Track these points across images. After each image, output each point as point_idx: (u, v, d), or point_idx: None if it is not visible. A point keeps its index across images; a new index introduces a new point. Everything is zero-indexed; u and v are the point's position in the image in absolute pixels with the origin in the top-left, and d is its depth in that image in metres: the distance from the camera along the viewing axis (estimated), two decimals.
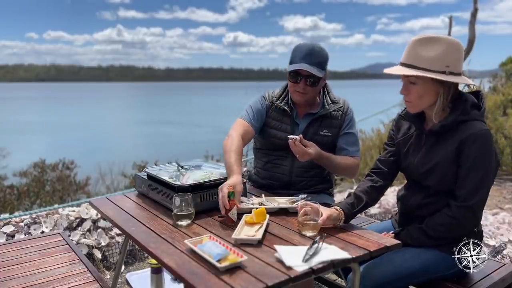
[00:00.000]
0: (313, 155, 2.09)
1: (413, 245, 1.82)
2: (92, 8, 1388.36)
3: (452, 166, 1.73)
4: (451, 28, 11.16)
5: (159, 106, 65.52)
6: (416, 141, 1.88)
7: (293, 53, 2.24)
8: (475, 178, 1.69)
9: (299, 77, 2.20)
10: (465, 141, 1.69)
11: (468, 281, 1.86)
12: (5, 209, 6.84)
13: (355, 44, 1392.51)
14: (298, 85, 2.21)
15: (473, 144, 1.68)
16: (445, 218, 1.75)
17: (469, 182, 1.70)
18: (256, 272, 1.37)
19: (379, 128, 7.93)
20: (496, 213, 3.86)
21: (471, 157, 1.69)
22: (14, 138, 21.94)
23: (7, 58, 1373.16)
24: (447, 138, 1.74)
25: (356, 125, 2.41)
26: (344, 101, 2.38)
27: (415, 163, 1.85)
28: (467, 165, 1.70)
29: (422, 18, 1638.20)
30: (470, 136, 1.68)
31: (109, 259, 3.24)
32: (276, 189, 2.35)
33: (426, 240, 1.80)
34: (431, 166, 1.77)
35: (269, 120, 2.36)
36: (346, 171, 2.30)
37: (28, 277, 1.99)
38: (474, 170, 1.69)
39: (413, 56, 1.71)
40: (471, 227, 1.79)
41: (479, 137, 1.68)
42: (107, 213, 2.02)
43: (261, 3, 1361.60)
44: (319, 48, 2.21)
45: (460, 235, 1.79)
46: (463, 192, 1.71)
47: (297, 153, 2.07)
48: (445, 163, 1.74)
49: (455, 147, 1.71)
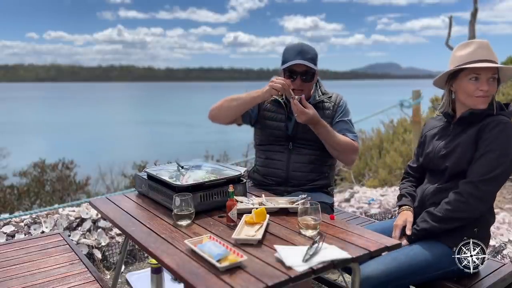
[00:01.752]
0: (310, 115, 2.15)
1: (424, 235, 1.87)
2: (92, 8, 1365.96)
3: (470, 148, 1.85)
4: (451, 28, 11.16)
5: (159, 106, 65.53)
6: (442, 131, 2.03)
7: (285, 53, 2.32)
8: (487, 159, 1.80)
9: (294, 75, 2.27)
10: (485, 126, 1.84)
11: (468, 281, 1.86)
12: (5, 209, 6.84)
13: (355, 44, 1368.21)
14: (295, 83, 2.28)
15: (493, 129, 1.82)
16: (451, 195, 1.85)
17: (480, 162, 1.81)
18: (256, 272, 1.37)
19: (379, 128, 7.94)
20: (496, 213, 3.86)
21: (488, 140, 1.81)
22: (14, 138, 21.93)
23: (8, 58, 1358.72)
24: (472, 127, 1.88)
25: (351, 116, 2.42)
26: (337, 94, 2.43)
27: (436, 148, 1.98)
28: (483, 147, 1.82)
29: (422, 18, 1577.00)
30: (491, 122, 1.83)
31: (109, 259, 3.24)
32: (275, 185, 2.37)
33: (435, 224, 1.85)
34: (451, 149, 1.90)
35: (265, 113, 2.44)
36: (345, 149, 2.26)
37: (28, 277, 1.99)
38: (488, 152, 1.80)
39: (492, 55, 1.89)
40: (476, 209, 1.82)
41: (500, 124, 1.82)
42: (107, 213, 2.02)
43: (261, 3, 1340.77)
44: (308, 45, 2.33)
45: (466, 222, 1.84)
46: (473, 170, 1.83)
47: (296, 112, 2.17)
48: (464, 145, 1.87)
49: (476, 130, 1.86)
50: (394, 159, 6.38)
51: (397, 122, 7.61)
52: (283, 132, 2.37)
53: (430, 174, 2.06)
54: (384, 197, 4.40)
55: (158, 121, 39.31)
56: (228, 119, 2.42)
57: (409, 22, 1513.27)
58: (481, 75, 1.86)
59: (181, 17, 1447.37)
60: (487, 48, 1.90)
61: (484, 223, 1.91)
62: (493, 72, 1.86)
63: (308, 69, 2.26)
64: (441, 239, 1.86)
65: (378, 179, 6.35)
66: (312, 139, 2.30)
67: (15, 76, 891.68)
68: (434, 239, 1.87)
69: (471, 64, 1.86)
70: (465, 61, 1.89)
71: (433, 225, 1.85)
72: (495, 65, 1.86)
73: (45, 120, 39.69)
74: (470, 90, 1.88)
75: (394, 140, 7.02)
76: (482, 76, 1.86)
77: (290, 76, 2.28)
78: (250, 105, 2.33)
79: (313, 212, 1.68)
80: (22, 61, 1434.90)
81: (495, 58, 1.90)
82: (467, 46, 1.92)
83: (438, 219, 1.84)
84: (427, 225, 1.87)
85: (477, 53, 1.88)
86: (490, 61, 1.87)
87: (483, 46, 1.90)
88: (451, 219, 1.83)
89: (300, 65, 2.25)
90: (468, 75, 1.88)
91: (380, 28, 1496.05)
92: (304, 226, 1.67)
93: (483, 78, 1.86)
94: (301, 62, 2.23)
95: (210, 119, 2.46)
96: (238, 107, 2.34)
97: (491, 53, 1.89)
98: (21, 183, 8.47)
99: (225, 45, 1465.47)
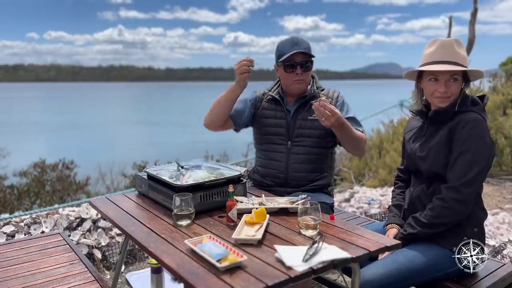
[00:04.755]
0: (339, 115, 2.01)
1: (411, 239, 1.87)
2: (93, 9, 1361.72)
3: (443, 150, 1.84)
4: (451, 28, 11.16)
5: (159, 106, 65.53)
6: (418, 132, 2.02)
7: (280, 48, 2.36)
8: (463, 161, 1.79)
9: (294, 65, 2.30)
10: (456, 126, 1.81)
11: (468, 281, 1.86)
12: (5, 209, 6.84)
13: (356, 44, 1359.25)
14: (295, 73, 2.30)
15: (463, 128, 1.79)
16: (435, 201, 1.84)
17: (458, 165, 1.80)
18: (256, 272, 1.37)
19: (379, 128, 7.93)
20: (496, 213, 3.86)
21: (460, 140, 1.79)
22: (14, 138, 21.93)
23: (8, 58, 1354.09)
24: (444, 127, 1.86)
25: (350, 108, 2.39)
26: (334, 90, 2.44)
27: (413, 149, 1.98)
28: (457, 149, 1.80)
29: (422, 18, 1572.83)
30: (461, 121, 1.80)
31: (109, 259, 3.24)
32: (274, 186, 2.37)
33: (421, 229, 1.85)
34: (426, 151, 1.89)
35: (263, 112, 2.46)
36: (360, 142, 2.24)
37: (28, 277, 1.99)
38: (463, 152, 1.79)
39: (453, 55, 1.83)
40: (460, 212, 1.82)
41: (470, 122, 1.79)
42: (107, 213, 2.02)
43: (262, 4, 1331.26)
44: (301, 37, 2.38)
45: (453, 225, 1.83)
46: (452, 174, 1.81)
47: (323, 114, 1.99)
48: (437, 147, 1.85)
49: (447, 131, 1.83)
50: (394, 159, 6.38)
51: (397, 122, 7.60)
52: (283, 130, 2.37)
53: (414, 175, 2.06)
54: (384, 197, 4.39)
55: (158, 121, 39.31)
56: (219, 121, 2.41)
57: (409, 22, 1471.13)
58: (439, 76, 1.84)
59: (182, 17, 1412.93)
60: (450, 47, 1.84)
61: (480, 221, 1.91)
62: (451, 74, 1.83)
63: (307, 58, 2.31)
64: (441, 241, 1.86)
65: (378, 179, 6.34)
66: (309, 134, 2.32)
67: (15, 76, 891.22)
68: (433, 241, 1.87)
69: (426, 66, 1.86)
70: (426, 61, 1.88)
71: (419, 230, 1.86)
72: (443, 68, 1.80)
73: (45, 120, 39.67)
74: (430, 91, 1.88)
75: (394, 140, 7.01)
76: (440, 77, 1.84)
77: (290, 68, 2.30)
78: (232, 100, 2.33)
79: (313, 212, 1.68)
80: (22, 61, 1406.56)
81: (459, 58, 1.83)
82: (432, 45, 1.89)
83: (423, 225, 1.85)
84: (413, 230, 1.87)
85: (437, 53, 1.85)
86: (449, 62, 1.82)
87: (445, 45, 1.85)
88: (436, 224, 1.83)
89: (298, 55, 2.29)
90: (427, 76, 1.88)
91: (380, 28, 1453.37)
92: (304, 226, 1.67)
93: (441, 80, 1.84)
94: (300, 50, 2.27)
95: (206, 128, 2.48)
96: (224, 106, 2.35)
97: (454, 53, 1.84)
98: (21, 183, 8.47)
99: (225, 45, 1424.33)
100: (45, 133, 29.58)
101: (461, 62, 1.84)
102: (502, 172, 5.67)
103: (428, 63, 1.87)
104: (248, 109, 2.46)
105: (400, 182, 2.21)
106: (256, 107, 2.48)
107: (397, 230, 1.99)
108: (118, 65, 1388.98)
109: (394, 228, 2.00)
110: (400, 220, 2.03)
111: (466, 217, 1.84)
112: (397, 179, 2.24)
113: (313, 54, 2.34)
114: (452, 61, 1.82)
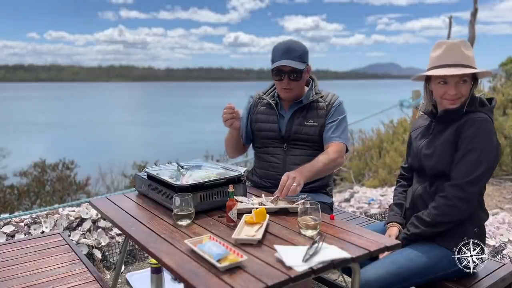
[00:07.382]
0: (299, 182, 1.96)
1: (415, 239, 1.87)
2: (93, 9, 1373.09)
3: (449, 147, 1.84)
4: (451, 28, 11.16)
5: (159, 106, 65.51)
6: (425, 130, 2.03)
7: (273, 53, 2.33)
8: (469, 160, 1.79)
9: (282, 74, 2.27)
10: (463, 125, 1.82)
11: (468, 281, 1.86)
12: (5, 209, 6.84)
13: (356, 44, 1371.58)
14: (283, 82, 2.29)
15: (470, 127, 1.79)
16: (438, 199, 1.84)
17: (463, 163, 1.80)
18: (256, 272, 1.37)
19: (379, 128, 7.93)
20: (496, 213, 3.86)
21: (468, 138, 1.79)
22: (14, 138, 21.94)
23: (8, 58, 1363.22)
24: (452, 125, 1.87)
25: (345, 115, 2.36)
26: (333, 95, 2.41)
27: (419, 147, 1.99)
28: (463, 147, 1.80)
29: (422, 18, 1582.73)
30: (468, 120, 1.81)
31: (109, 259, 3.24)
32: (272, 187, 2.36)
33: (424, 228, 1.85)
34: (432, 149, 1.90)
35: (257, 116, 2.46)
36: (330, 168, 2.22)
37: (28, 277, 1.99)
38: (469, 151, 1.79)
39: (462, 57, 1.83)
40: (464, 211, 1.81)
41: (477, 122, 1.80)
42: (107, 213, 2.02)
43: (262, 4, 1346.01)
44: (295, 42, 2.31)
45: (454, 225, 1.83)
46: (457, 172, 1.81)
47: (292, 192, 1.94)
48: (443, 145, 1.86)
49: (454, 129, 1.84)
50: (394, 159, 6.38)
51: (397, 122, 7.61)
52: (276, 133, 2.37)
53: (417, 174, 2.06)
54: (384, 197, 4.40)
55: (158, 121, 39.30)
56: (239, 150, 2.56)
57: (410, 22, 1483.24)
58: (448, 79, 1.84)
59: (182, 17, 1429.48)
60: (457, 49, 1.84)
61: (481, 222, 1.91)
62: (460, 76, 1.83)
63: (295, 69, 2.24)
64: (441, 241, 1.86)
65: (378, 179, 6.35)
66: (305, 139, 2.32)
67: (15, 76, 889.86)
68: (433, 241, 1.87)
69: (435, 70, 1.86)
70: (434, 64, 1.88)
71: (423, 230, 1.86)
72: (453, 72, 1.80)
73: (45, 120, 39.69)
74: (440, 93, 1.88)
75: (394, 140, 7.02)
76: (449, 80, 1.84)
77: (277, 76, 2.28)
78: (236, 136, 2.44)
79: (313, 212, 1.68)
80: (23, 61, 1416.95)
81: (467, 60, 1.84)
82: (438, 48, 1.89)
83: (427, 224, 1.85)
84: (417, 230, 1.87)
85: (445, 56, 1.85)
86: (458, 65, 1.82)
87: (452, 48, 1.85)
88: (441, 223, 1.83)
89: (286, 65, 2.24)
90: (437, 79, 1.88)
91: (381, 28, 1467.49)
92: (304, 226, 1.67)
93: (450, 82, 1.84)
94: (286, 64, 2.21)
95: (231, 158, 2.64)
96: (233, 142, 2.48)
97: (461, 55, 1.84)
98: (21, 183, 8.48)
99: (225, 45, 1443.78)
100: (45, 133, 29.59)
101: (470, 63, 1.84)
102: (502, 172, 5.67)
103: (436, 66, 1.87)
104: (245, 125, 2.49)
105: (402, 181, 2.21)
106: (251, 111, 2.50)
107: (398, 228, 1.99)
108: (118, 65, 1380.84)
109: (394, 226, 2.00)
110: (401, 219, 2.03)
111: (468, 217, 1.84)
112: (400, 178, 2.25)
113: (308, 60, 2.30)
114: (460, 64, 1.83)
